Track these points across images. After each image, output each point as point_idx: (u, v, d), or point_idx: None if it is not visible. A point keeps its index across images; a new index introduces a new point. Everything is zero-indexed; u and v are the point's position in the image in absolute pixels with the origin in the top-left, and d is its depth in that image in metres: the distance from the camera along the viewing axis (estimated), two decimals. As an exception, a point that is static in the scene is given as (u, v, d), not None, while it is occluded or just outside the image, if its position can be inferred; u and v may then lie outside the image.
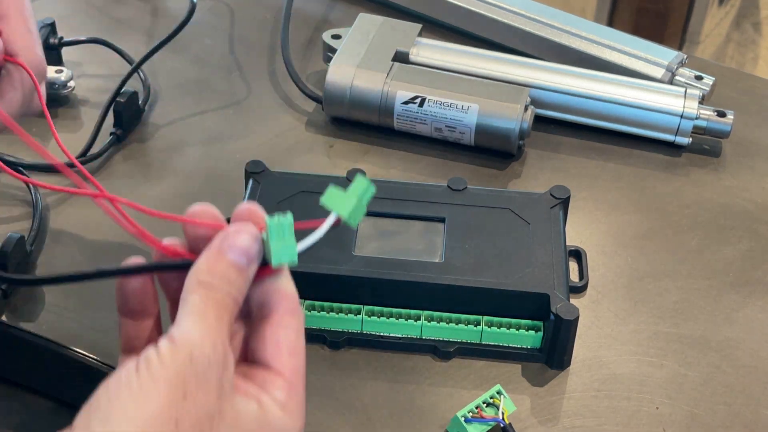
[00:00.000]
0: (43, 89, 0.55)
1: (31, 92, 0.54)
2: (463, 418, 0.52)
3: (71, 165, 0.63)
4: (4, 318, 0.59)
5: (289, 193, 0.62)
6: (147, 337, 0.44)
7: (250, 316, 0.44)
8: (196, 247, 0.43)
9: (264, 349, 0.42)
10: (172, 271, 0.43)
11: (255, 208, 0.43)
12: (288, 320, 0.42)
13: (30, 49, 0.53)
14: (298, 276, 0.56)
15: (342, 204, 0.42)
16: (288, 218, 0.41)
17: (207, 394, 0.37)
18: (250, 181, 0.62)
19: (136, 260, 0.43)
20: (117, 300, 0.43)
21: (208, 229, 0.42)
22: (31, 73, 0.52)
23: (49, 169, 0.69)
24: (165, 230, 0.43)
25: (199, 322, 0.39)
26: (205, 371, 0.37)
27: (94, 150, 0.71)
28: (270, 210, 0.60)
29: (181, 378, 0.37)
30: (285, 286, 0.43)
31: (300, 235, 0.42)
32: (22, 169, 0.68)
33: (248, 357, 0.43)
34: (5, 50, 0.52)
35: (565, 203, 0.62)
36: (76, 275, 0.43)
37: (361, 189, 0.42)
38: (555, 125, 0.76)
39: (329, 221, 0.42)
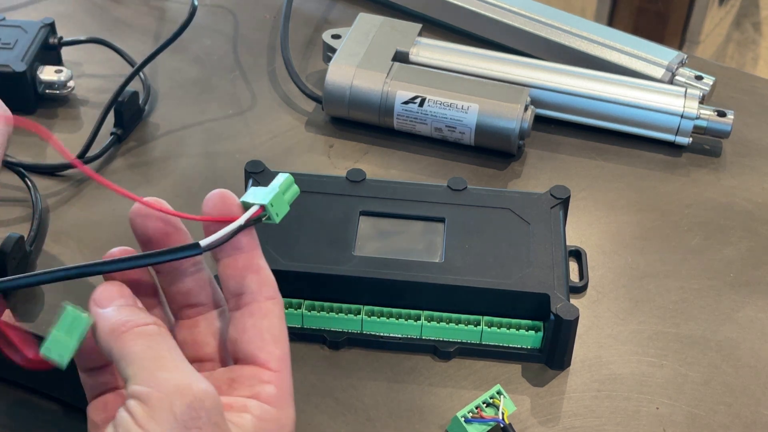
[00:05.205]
0: None
1: None
2: (463, 418, 0.52)
3: (72, 166, 0.63)
4: (3, 318, 0.59)
5: (289, 193, 0.62)
6: (112, 387, 0.43)
7: (220, 305, 0.43)
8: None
9: (248, 341, 0.40)
10: (180, 258, 0.41)
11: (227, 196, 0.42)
12: (270, 307, 0.41)
13: None
14: (298, 276, 0.57)
15: (262, 196, 0.41)
16: None
17: None
18: (250, 181, 0.62)
19: (122, 251, 0.41)
20: (76, 357, 0.41)
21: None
22: None
23: (50, 171, 0.69)
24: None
25: (157, 366, 0.37)
26: (194, 422, 0.36)
27: (95, 150, 0.71)
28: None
29: None
30: (263, 269, 0.41)
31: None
32: (23, 170, 0.68)
33: (229, 349, 0.41)
34: None
35: (565, 203, 0.62)
36: (67, 271, 0.41)
37: (283, 183, 0.42)
38: (555, 125, 0.76)
39: (250, 211, 0.41)
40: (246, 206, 0.41)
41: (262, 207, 0.41)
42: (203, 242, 0.40)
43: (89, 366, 0.42)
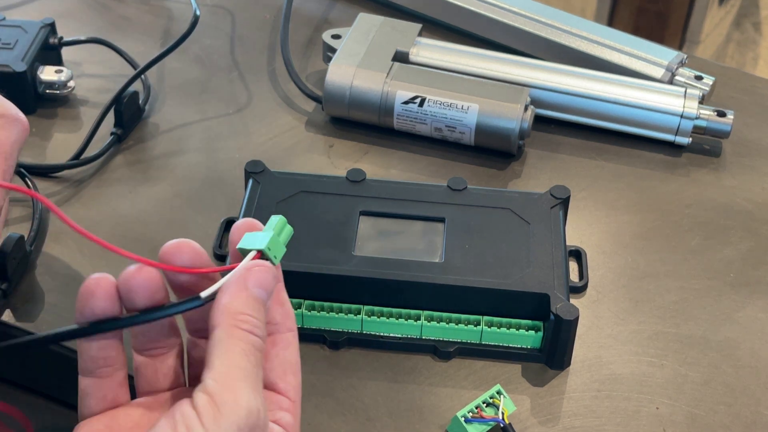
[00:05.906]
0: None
1: None
2: (463, 418, 0.52)
3: (69, 167, 0.63)
4: (4, 318, 0.59)
5: (288, 193, 0.62)
6: (115, 398, 0.42)
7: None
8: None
9: (270, 369, 0.42)
10: (183, 311, 0.42)
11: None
12: (290, 339, 0.42)
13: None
14: (298, 276, 0.57)
15: (259, 241, 0.42)
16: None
17: None
18: (250, 181, 0.62)
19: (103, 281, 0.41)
20: (80, 362, 0.42)
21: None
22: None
23: (49, 171, 0.69)
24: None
25: (244, 380, 0.38)
26: None
27: (95, 150, 0.71)
28: (269, 210, 0.60)
29: None
30: (286, 302, 0.43)
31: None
32: (23, 170, 0.68)
33: None
34: None
35: (565, 203, 0.62)
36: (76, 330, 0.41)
37: (276, 225, 0.43)
38: (555, 125, 0.76)
39: (249, 257, 0.42)
40: (243, 253, 0.42)
41: (260, 252, 0.42)
42: (203, 294, 0.41)
43: (98, 367, 0.42)
